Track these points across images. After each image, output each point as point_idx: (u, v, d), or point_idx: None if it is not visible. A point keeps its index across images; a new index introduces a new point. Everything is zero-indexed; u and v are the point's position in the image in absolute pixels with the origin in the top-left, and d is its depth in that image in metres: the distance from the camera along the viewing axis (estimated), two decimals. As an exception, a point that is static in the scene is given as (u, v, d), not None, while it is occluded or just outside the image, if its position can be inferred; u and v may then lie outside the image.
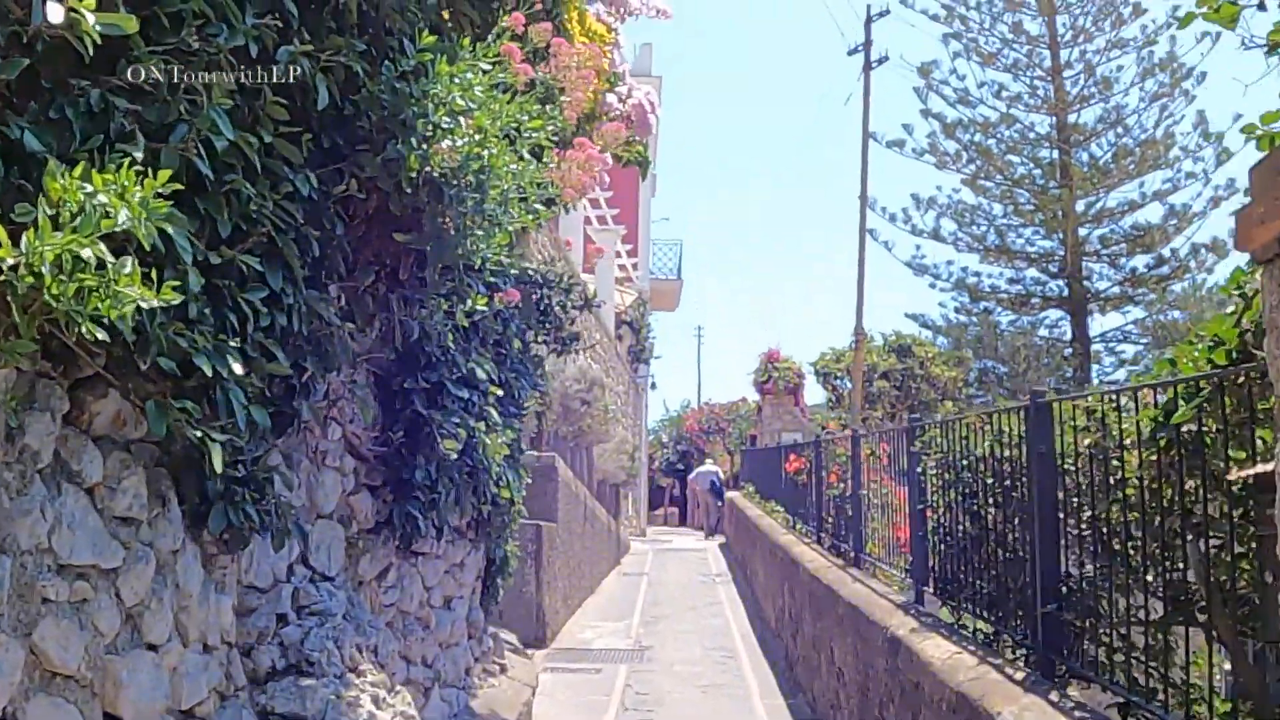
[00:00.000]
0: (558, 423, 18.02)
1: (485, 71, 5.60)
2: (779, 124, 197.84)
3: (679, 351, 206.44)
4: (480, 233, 5.63)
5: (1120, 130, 46.81)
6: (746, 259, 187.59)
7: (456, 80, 5.40)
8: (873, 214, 42.57)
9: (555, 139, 5.84)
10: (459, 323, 6.07)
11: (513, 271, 8.07)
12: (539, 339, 11.15)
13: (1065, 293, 47.43)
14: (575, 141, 9.37)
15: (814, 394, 43.95)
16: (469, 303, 5.97)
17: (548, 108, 5.81)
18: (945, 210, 48.57)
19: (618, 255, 39.38)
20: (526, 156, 5.72)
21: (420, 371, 6.17)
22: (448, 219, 5.44)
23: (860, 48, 36.48)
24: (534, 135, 5.69)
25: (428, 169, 5.28)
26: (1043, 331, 47.54)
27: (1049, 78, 48.07)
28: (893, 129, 54.14)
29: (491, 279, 6.91)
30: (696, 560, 28.77)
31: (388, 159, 5.28)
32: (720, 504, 38.57)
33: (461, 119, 5.38)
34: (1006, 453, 8.16)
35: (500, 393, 7.48)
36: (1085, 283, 47.51)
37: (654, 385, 44.96)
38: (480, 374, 6.56)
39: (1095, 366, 46.60)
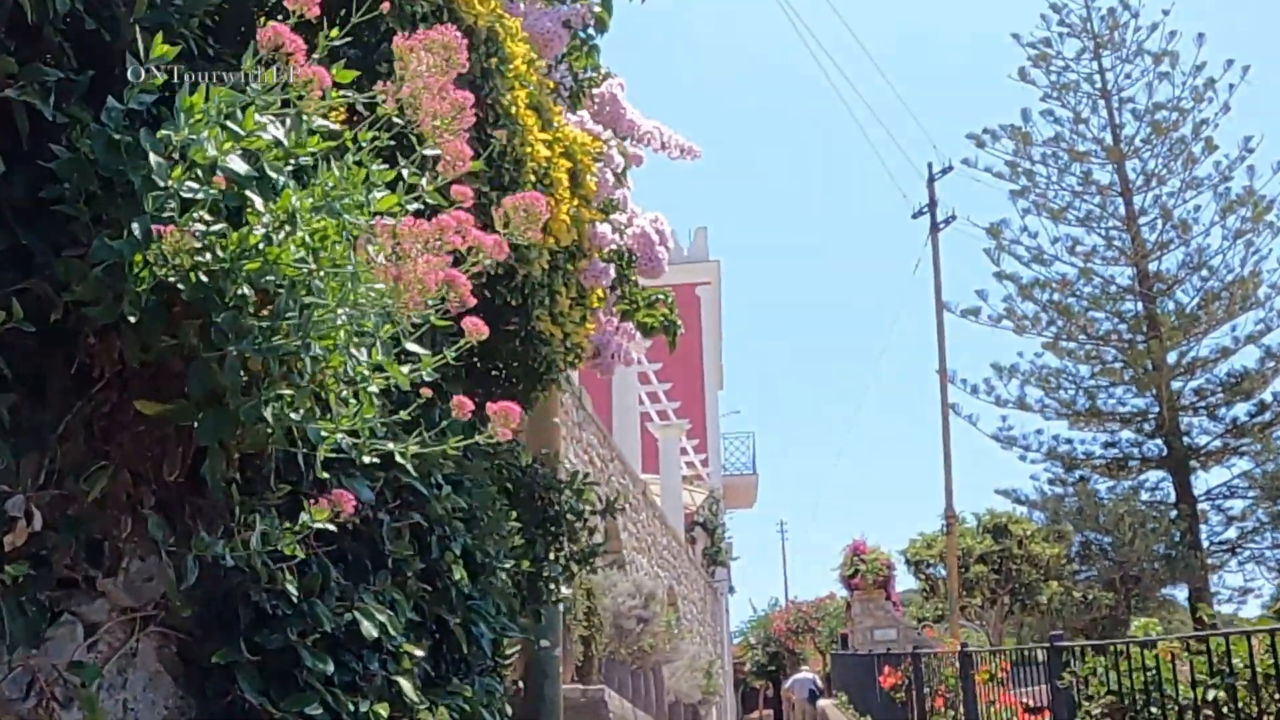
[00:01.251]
0: (611, 645, 15.47)
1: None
2: (848, 298, 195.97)
3: (762, 549, 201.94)
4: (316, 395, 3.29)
5: (1205, 273, 44.91)
6: (824, 444, 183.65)
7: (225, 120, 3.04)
8: (953, 387, 40.13)
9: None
10: (287, 549, 3.53)
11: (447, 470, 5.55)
12: (555, 555, 8.63)
13: (1164, 451, 45.17)
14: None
15: (906, 582, 41.18)
16: (303, 516, 3.46)
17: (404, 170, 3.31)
18: (1029, 377, 46.71)
19: (683, 453, 37.12)
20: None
21: (243, 634, 3.70)
22: (228, 369, 3.06)
23: (925, 210, 34.28)
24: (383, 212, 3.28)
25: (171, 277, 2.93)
26: (1144, 495, 45.02)
27: (1125, 226, 46.42)
28: (965, 296, 52.16)
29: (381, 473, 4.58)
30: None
31: (95, 261, 2.92)
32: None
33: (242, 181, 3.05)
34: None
35: (420, 652, 4.81)
36: (1184, 438, 45.16)
37: (732, 589, 42.33)
38: (370, 627, 4.09)
39: (1204, 527, 44.04)
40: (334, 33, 3.24)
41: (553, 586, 8.71)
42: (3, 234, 3.07)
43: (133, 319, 2.96)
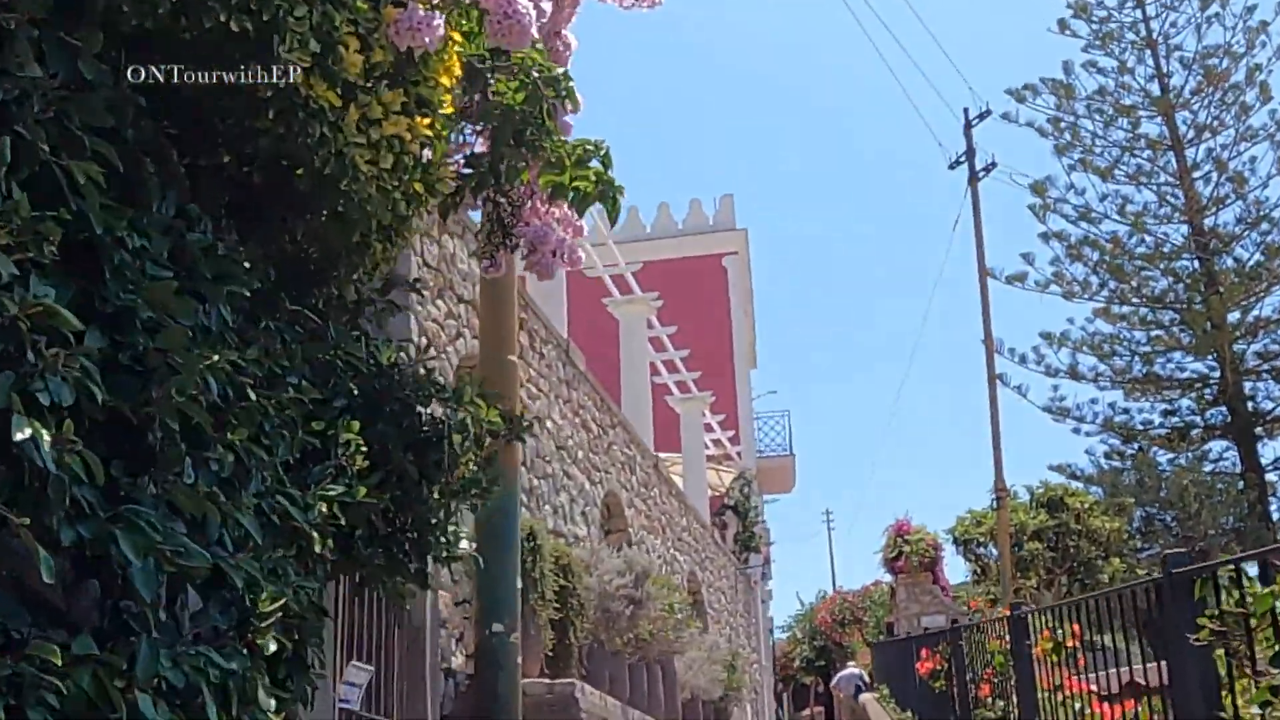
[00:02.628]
0: (597, 631, 12.99)
1: None
2: (886, 266, 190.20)
3: (808, 540, 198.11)
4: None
5: (1265, 227, 42.49)
6: (867, 425, 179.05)
7: None
8: (1000, 357, 37.52)
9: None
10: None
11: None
12: (437, 493, 6.13)
13: (1228, 419, 42.54)
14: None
15: (955, 568, 38.45)
16: None
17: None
18: (1080, 344, 44.41)
19: (709, 430, 34.60)
20: None
21: None
22: None
23: (962, 158, 31.57)
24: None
25: None
26: (1206, 466, 42.65)
27: (1177, 181, 44.16)
28: (1009, 261, 49.78)
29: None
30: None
31: None
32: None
33: None
34: None
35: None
36: (1249, 404, 42.70)
37: (766, 575, 39.62)
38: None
39: (1274, 499, 41.44)
40: None
41: (443, 537, 6.16)
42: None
43: None
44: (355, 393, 5.64)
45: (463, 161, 6.29)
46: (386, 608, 8.20)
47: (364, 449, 5.27)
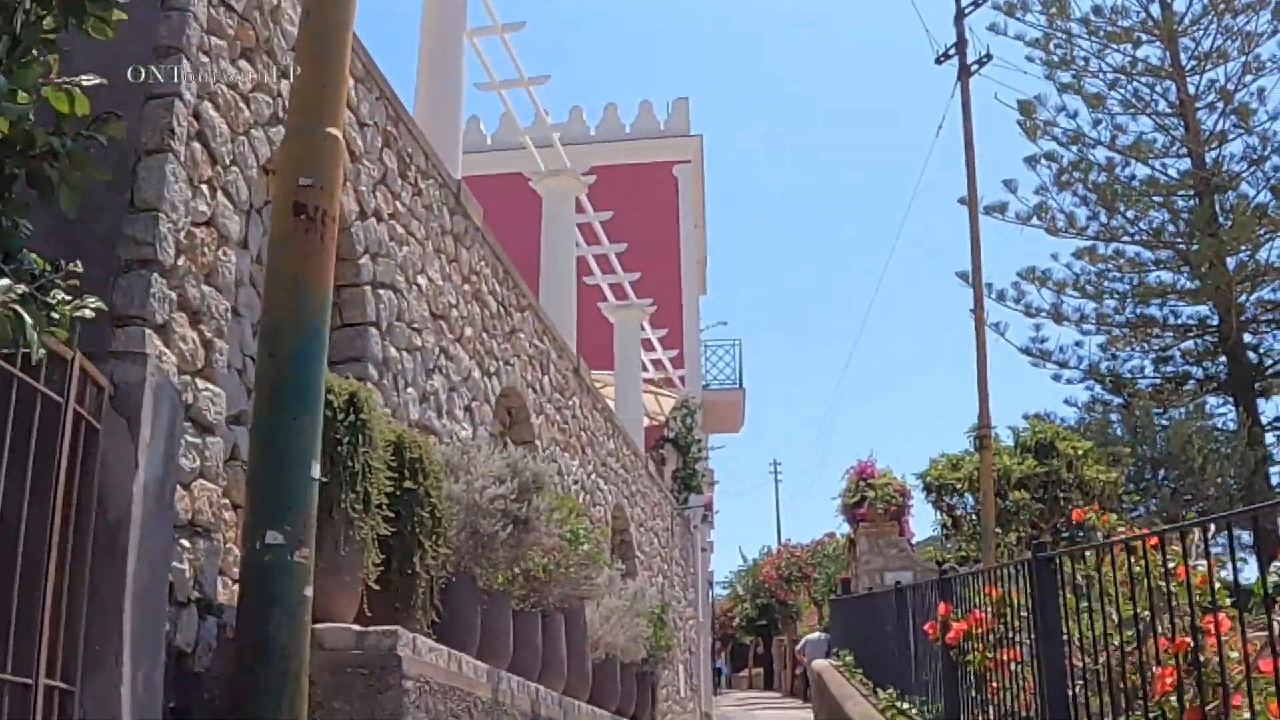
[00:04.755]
0: (462, 561, 9.04)
1: None
2: (854, 185, 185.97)
3: (754, 494, 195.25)
4: None
5: (1274, 164, 40.08)
6: (826, 364, 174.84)
7: None
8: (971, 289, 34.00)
9: None
10: None
11: None
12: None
13: (1227, 372, 39.61)
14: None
15: (922, 520, 34.78)
16: None
17: None
18: (1065, 283, 41.60)
19: (649, 348, 30.87)
20: None
21: None
22: None
23: (951, 51, 27.95)
24: None
25: None
26: (1193, 424, 39.04)
27: (1177, 112, 41.54)
28: (990, 190, 46.47)
29: None
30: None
31: None
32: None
33: None
34: None
35: None
36: (1251, 353, 39.99)
37: (707, 517, 35.89)
38: None
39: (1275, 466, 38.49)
40: None
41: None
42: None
43: None
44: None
45: None
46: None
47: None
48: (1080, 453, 29.72)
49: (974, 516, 29.51)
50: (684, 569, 30.91)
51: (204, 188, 7.38)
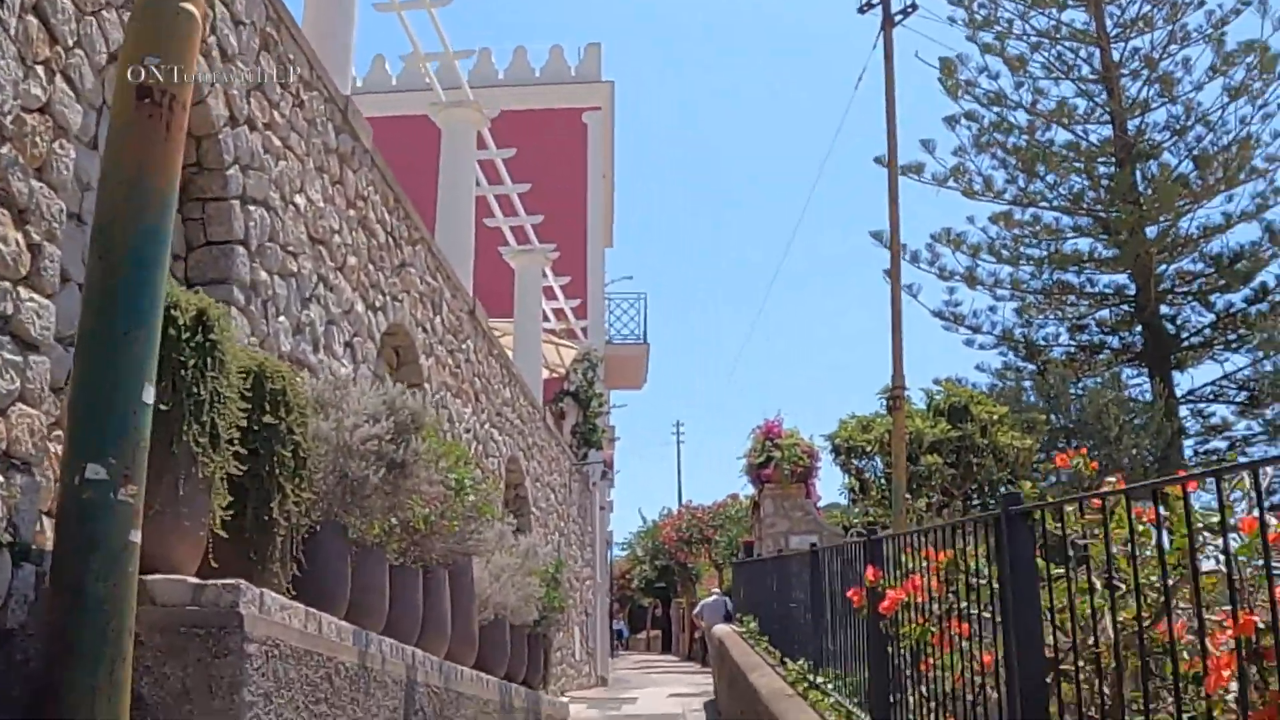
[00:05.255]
0: (331, 507, 8.08)
1: None
2: (769, 139, 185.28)
3: (655, 456, 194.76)
4: None
5: (1196, 136, 39.74)
6: (733, 323, 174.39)
7: None
8: (886, 251, 33.39)
9: None
10: None
11: None
12: None
13: (1143, 343, 39.38)
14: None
15: (828, 484, 34.14)
16: None
17: None
18: (981, 247, 40.98)
19: (550, 296, 29.99)
20: None
21: None
22: None
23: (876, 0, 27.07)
24: None
25: None
26: (1110, 394, 38.68)
27: (1100, 78, 41.08)
28: (908, 151, 45.90)
29: None
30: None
31: None
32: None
33: None
34: None
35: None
36: (1169, 325, 39.78)
37: (605, 475, 35.07)
38: None
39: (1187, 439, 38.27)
40: None
41: None
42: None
43: None
44: None
45: None
46: None
47: None
48: (995, 418, 29.17)
49: (883, 480, 28.92)
50: (581, 527, 30.12)
51: (39, 69, 6.43)
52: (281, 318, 9.90)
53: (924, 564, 6.62)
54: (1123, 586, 4.63)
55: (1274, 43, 37.70)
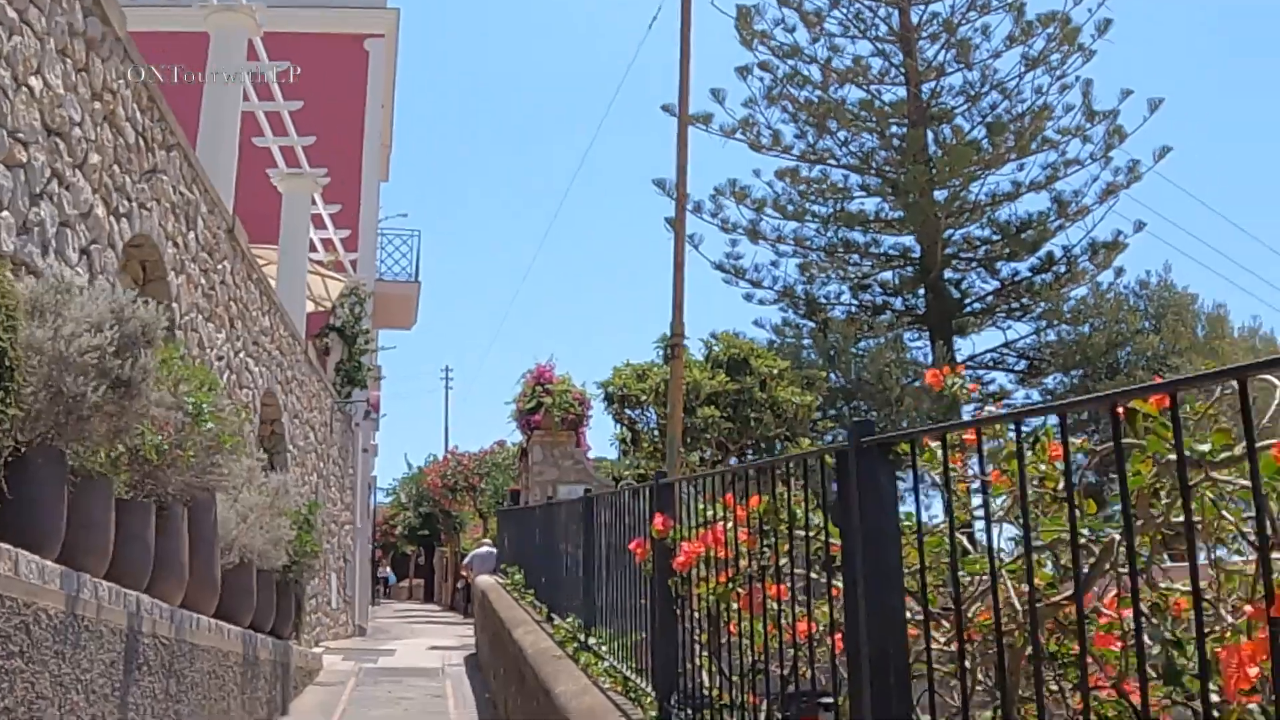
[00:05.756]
0: (45, 428, 7.00)
1: None
2: (559, 79, 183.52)
3: (426, 401, 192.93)
4: None
5: (991, 103, 39.70)
6: (510, 265, 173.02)
7: None
8: (670, 200, 32.70)
9: None
10: None
11: None
12: None
13: (926, 306, 39.37)
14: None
15: (600, 435, 33.35)
16: None
17: None
18: (766, 202, 40.17)
19: (319, 225, 28.82)
20: None
21: None
22: None
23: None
24: None
25: None
26: (891, 355, 38.64)
27: (898, 38, 40.55)
28: (698, 100, 45.08)
29: None
30: (426, 704, 17.83)
31: None
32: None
33: None
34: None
35: None
36: (954, 290, 39.90)
37: (369, 415, 33.88)
38: None
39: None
40: None
41: None
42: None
43: None
44: None
45: None
46: None
47: None
48: (776, 372, 28.68)
49: (656, 432, 28.29)
50: (342, 469, 28.99)
51: None
52: (5, 213, 8.72)
53: (727, 514, 5.72)
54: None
55: (1076, 15, 37.74)
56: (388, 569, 65.96)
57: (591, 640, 10.39)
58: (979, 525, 4.01)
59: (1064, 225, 38.97)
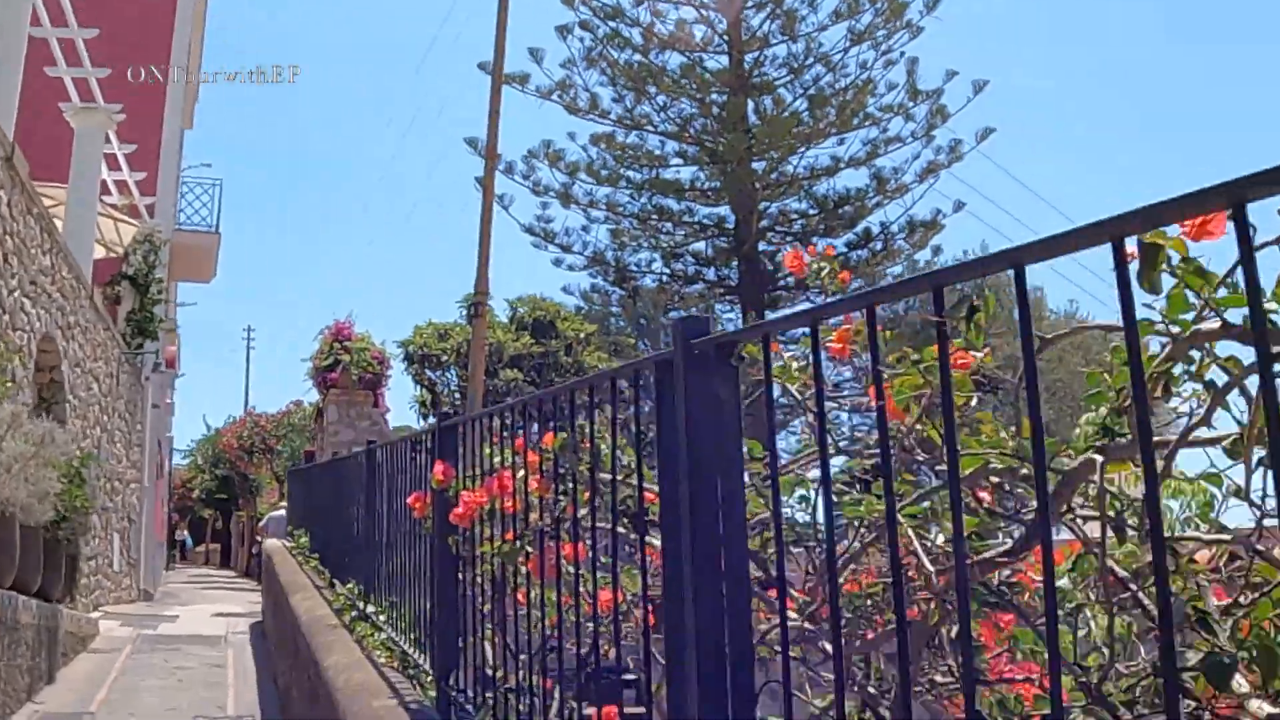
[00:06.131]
0: None
1: None
2: (370, 35, 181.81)
3: (227, 361, 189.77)
4: None
5: (814, 75, 39.18)
6: (315, 219, 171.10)
7: None
8: (481, 160, 31.67)
9: None
10: None
11: None
12: None
13: (739, 279, 39.07)
14: None
15: (399, 397, 32.29)
16: None
17: None
18: (579, 166, 39.17)
19: (113, 166, 27.44)
20: None
21: None
22: None
23: None
24: None
25: None
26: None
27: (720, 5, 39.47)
28: (517, 60, 44.07)
29: None
30: (205, 675, 16.81)
31: None
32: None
33: None
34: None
35: None
36: (768, 262, 39.23)
37: (159, 368, 32.46)
38: None
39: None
40: None
41: None
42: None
43: None
44: None
45: None
46: None
47: None
48: (582, 336, 28.01)
49: (457, 395, 27.48)
50: (129, 424, 27.60)
51: None
52: None
53: (516, 459, 4.82)
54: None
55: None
56: (185, 533, 64.51)
57: (371, 609, 9.43)
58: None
59: (883, 202, 38.68)
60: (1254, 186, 1.63)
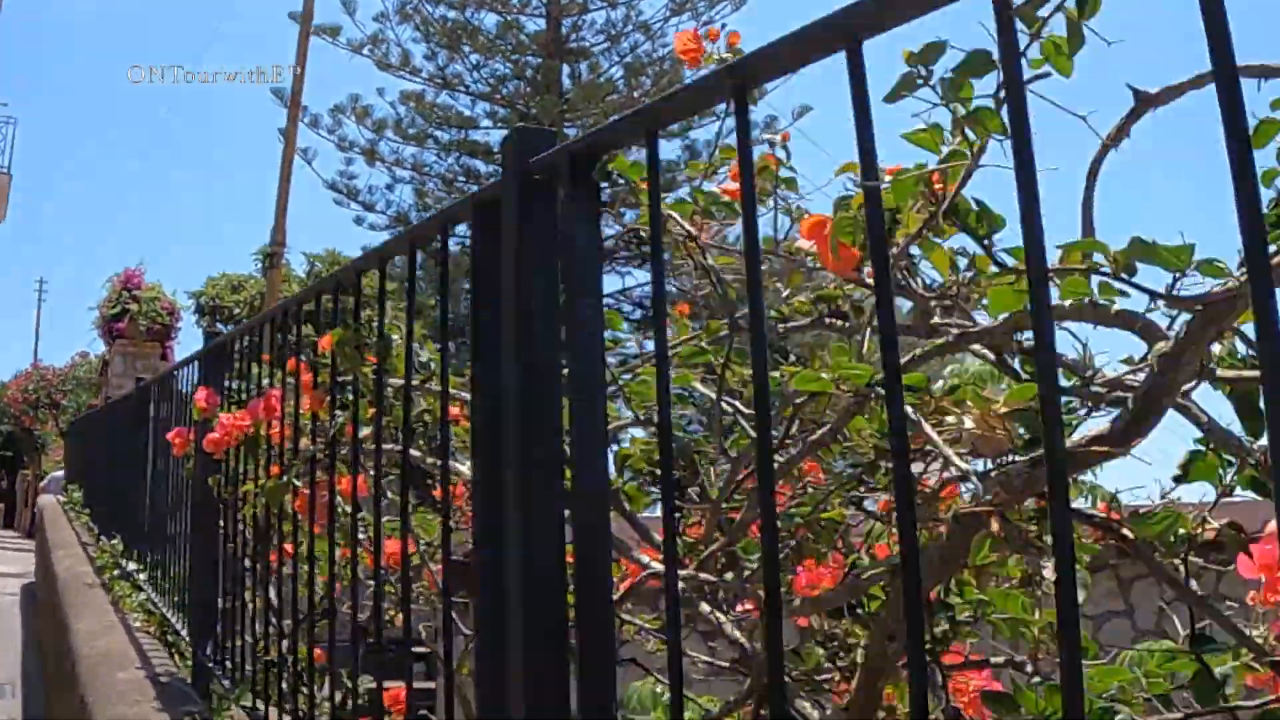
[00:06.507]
0: None
1: None
2: None
3: (17, 317, 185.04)
4: None
5: (634, 44, 38.54)
6: (113, 174, 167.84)
7: None
8: (286, 109, 30.44)
9: None
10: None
11: None
12: None
13: None
14: None
15: (189, 350, 31.09)
16: None
17: None
18: (387, 123, 37.99)
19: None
20: None
21: None
22: None
23: None
24: None
25: None
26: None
27: None
28: (329, 11, 42.63)
29: None
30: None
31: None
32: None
33: None
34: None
35: None
36: None
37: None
38: None
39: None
40: None
41: None
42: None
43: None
44: None
45: None
46: None
47: None
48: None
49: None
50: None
51: None
52: None
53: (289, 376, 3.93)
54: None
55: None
56: (-20, 493, 62.41)
57: (133, 566, 8.40)
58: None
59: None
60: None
